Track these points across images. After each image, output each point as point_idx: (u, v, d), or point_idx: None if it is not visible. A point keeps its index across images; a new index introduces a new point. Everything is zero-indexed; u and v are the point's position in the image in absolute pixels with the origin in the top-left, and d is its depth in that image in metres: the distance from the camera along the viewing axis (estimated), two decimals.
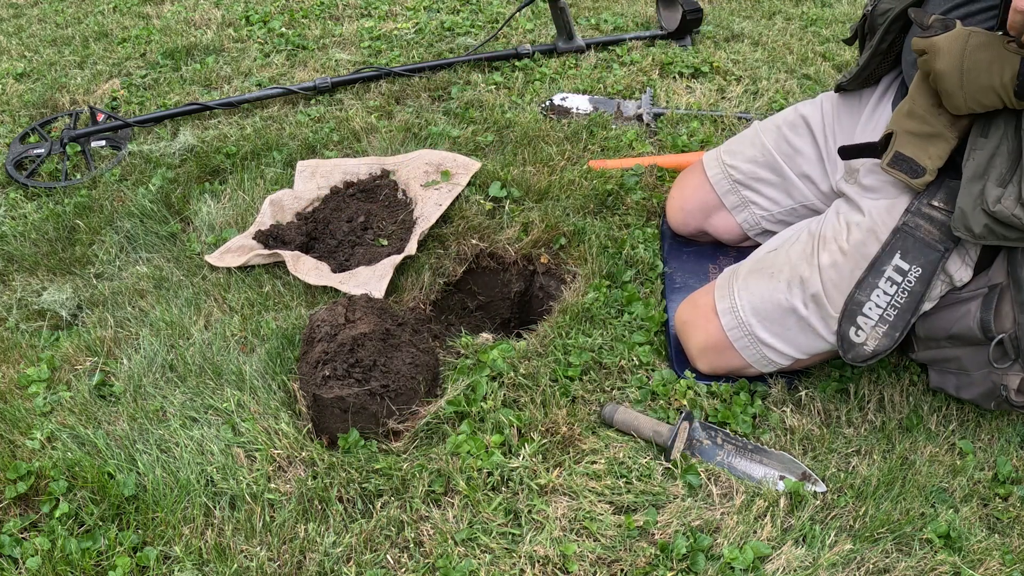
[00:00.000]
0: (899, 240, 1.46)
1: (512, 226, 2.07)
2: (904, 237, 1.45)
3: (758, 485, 1.48)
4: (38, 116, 2.71)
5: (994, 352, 1.43)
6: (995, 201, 1.30)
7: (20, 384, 1.73)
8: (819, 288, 1.53)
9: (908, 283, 1.45)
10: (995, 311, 1.42)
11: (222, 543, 1.41)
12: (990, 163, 1.34)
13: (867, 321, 1.48)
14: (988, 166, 1.34)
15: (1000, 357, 1.43)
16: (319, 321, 1.65)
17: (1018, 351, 1.40)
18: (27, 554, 1.40)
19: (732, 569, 1.35)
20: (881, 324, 1.47)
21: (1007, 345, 1.41)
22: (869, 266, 1.48)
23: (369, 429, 1.57)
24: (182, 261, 2.04)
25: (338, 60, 2.90)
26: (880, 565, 1.38)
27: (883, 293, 1.47)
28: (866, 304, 1.47)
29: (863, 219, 1.52)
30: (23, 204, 2.29)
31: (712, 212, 1.94)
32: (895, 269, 1.46)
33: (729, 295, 1.64)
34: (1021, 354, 1.40)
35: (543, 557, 1.37)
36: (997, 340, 1.42)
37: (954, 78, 1.33)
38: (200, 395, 1.67)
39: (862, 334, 1.49)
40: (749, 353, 1.62)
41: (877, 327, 1.47)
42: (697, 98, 2.60)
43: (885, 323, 1.47)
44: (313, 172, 2.25)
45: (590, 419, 1.61)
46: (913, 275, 1.45)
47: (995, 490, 1.51)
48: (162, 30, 3.16)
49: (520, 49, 2.81)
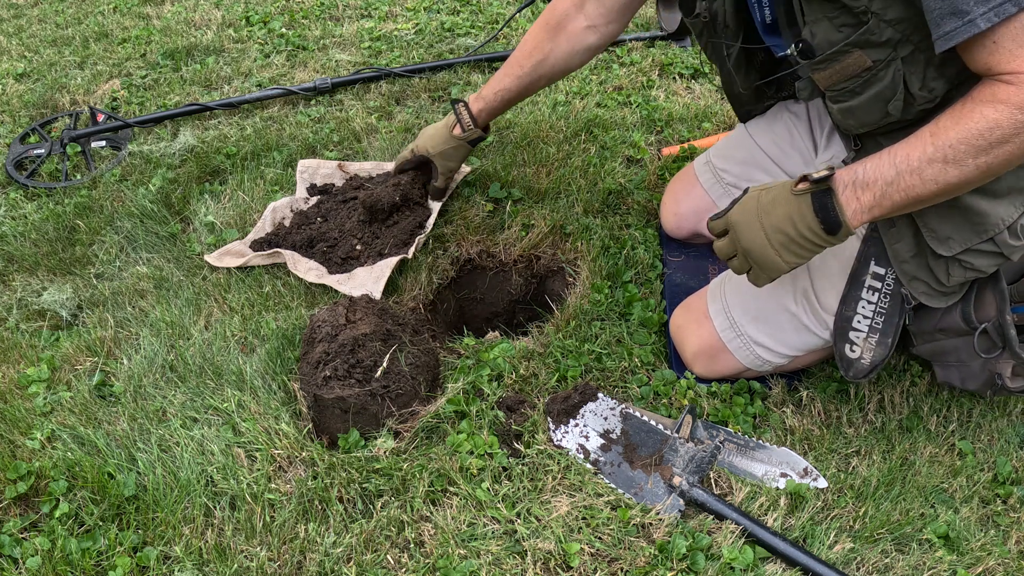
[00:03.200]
0: (871, 247, 1.47)
1: (512, 226, 2.08)
2: (875, 242, 1.46)
3: (759, 484, 1.49)
4: (38, 116, 2.71)
5: (980, 342, 1.43)
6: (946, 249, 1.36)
7: (20, 384, 1.73)
8: (808, 284, 1.55)
9: (888, 286, 1.46)
10: (975, 301, 1.43)
11: (222, 543, 1.41)
12: (912, 244, 1.41)
13: (858, 334, 1.49)
14: (916, 247, 1.41)
15: (988, 347, 1.44)
16: (320, 322, 1.65)
17: (1004, 339, 1.41)
18: (27, 554, 1.40)
19: (732, 569, 1.36)
20: (872, 334, 1.48)
21: (992, 334, 1.42)
22: (850, 279, 1.49)
23: (369, 429, 1.57)
24: (182, 261, 2.04)
25: (338, 61, 2.90)
26: (880, 565, 1.38)
27: (867, 303, 1.48)
28: (854, 318, 1.48)
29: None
30: (23, 204, 2.29)
31: (706, 215, 1.94)
32: (873, 276, 1.47)
33: (720, 297, 1.65)
34: (1007, 342, 1.40)
35: (545, 556, 1.37)
36: (981, 330, 1.42)
37: (761, 245, 1.31)
38: (200, 395, 1.67)
39: (857, 348, 1.49)
40: (743, 354, 1.62)
41: (869, 338, 1.48)
42: (696, 99, 2.60)
43: (876, 332, 1.48)
44: (313, 173, 2.26)
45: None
46: (891, 277, 1.45)
47: (995, 490, 1.51)
48: (162, 30, 3.16)
49: None
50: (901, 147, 1.23)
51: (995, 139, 1.15)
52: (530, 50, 1.83)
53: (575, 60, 1.83)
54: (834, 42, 1.29)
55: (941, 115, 1.21)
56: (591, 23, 1.76)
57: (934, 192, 1.21)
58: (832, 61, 1.32)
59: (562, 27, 1.78)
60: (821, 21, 1.30)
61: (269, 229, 2.09)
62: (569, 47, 1.79)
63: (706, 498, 1.44)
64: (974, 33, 1.12)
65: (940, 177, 1.20)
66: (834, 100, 1.39)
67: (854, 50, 1.28)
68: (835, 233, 1.26)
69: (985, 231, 1.33)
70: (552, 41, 1.80)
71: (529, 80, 1.85)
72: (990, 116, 1.15)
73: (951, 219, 1.34)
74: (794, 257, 1.31)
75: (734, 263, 1.41)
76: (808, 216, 1.27)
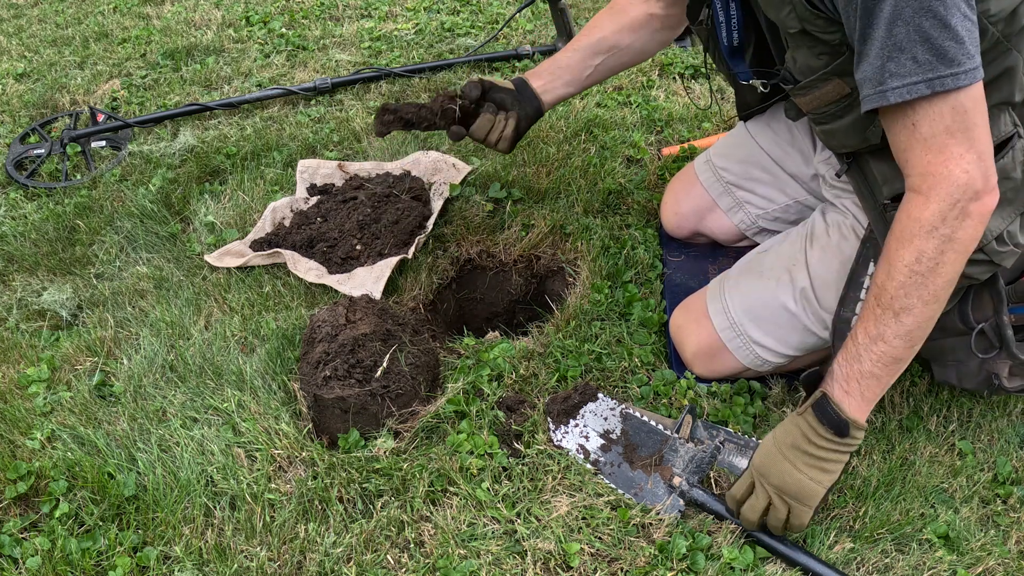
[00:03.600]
0: (869, 249, 1.47)
1: (512, 226, 2.08)
2: (873, 244, 1.46)
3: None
4: (38, 116, 2.71)
5: (977, 342, 1.43)
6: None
7: (20, 384, 1.73)
8: (808, 283, 1.55)
9: None
10: (973, 301, 1.43)
11: (222, 543, 1.41)
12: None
13: None
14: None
15: (985, 347, 1.43)
16: (320, 322, 1.65)
17: (1001, 339, 1.41)
18: (27, 554, 1.40)
19: (732, 569, 1.36)
20: None
21: (989, 334, 1.42)
22: (848, 280, 1.48)
23: (369, 429, 1.57)
24: (182, 261, 2.04)
25: (338, 61, 2.90)
26: (880, 565, 1.38)
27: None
28: (852, 319, 1.48)
29: (844, 219, 1.56)
30: (23, 204, 2.29)
31: (706, 214, 1.94)
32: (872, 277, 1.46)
33: (720, 296, 1.65)
34: (1005, 342, 1.40)
35: (545, 556, 1.37)
36: (978, 330, 1.42)
37: (793, 475, 1.28)
38: (200, 395, 1.67)
39: None
40: (743, 354, 1.62)
41: None
42: (696, 98, 2.60)
43: None
44: (313, 173, 2.26)
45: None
46: None
47: (995, 491, 1.51)
48: (162, 30, 3.16)
49: (520, 50, 2.82)
50: (858, 326, 1.25)
51: (925, 270, 1.17)
52: (589, 27, 1.82)
53: (640, 43, 1.80)
54: (814, 69, 1.32)
55: (878, 269, 1.23)
56: (652, 11, 1.76)
57: (907, 344, 1.22)
58: (812, 88, 1.34)
59: (624, 10, 1.78)
60: (801, 48, 1.32)
61: (269, 229, 2.09)
62: (632, 32, 1.77)
63: (706, 498, 1.44)
64: (883, 104, 1.14)
65: (901, 330, 1.21)
66: (816, 122, 1.42)
67: (833, 78, 1.30)
68: (846, 435, 1.24)
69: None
70: (613, 22, 1.79)
71: (583, 56, 1.80)
72: (911, 250, 1.17)
73: None
74: (822, 474, 1.27)
75: (772, 517, 1.32)
76: (817, 426, 1.26)
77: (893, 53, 1.12)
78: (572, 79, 1.84)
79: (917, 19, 1.09)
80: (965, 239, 1.17)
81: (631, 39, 1.79)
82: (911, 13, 1.09)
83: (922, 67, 1.11)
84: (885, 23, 1.11)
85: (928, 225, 1.16)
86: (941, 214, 1.15)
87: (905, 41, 1.11)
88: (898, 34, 1.11)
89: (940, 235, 1.16)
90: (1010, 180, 1.29)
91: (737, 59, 1.56)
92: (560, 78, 1.83)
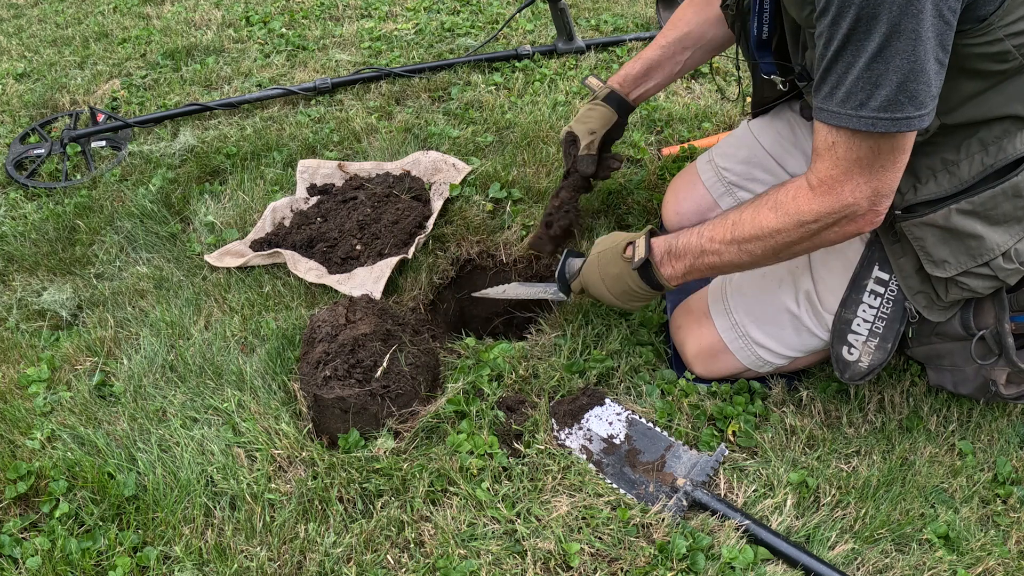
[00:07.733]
0: (874, 252, 1.47)
1: (512, 226, 2.08)
2: (879, 248, 1.46)
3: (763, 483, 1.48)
4: (38, 116, 2.71)
5: (977, 348, 1.44)
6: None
7: (20, 384, 1.73)
8: (810, 286, 1.54)
9: (891, 292, 1.46)
10: (975, 308, 1.43)
11: (222, 543, 1.41)
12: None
13: (858, 337, 1.49)
14: (918, 261, 1.43)
15: (984, 354, 1.44)
16: (320, 322, 1.65)
17: (1001, 347, 1.41)
18: (27, 554, 1.40)
19: (732, 569, 1.35)
20: (872, 338, 1.48)
21: (989, 341, 1.42)
22: (851, 282, 1.49)
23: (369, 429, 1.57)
24: (182, 261, 2.04)
25: (338, 61, 2.90)
26: (880, 565, 1.38)
27: (868, 307, 1.48)
28: (854, 321, 1.48)
29: None
30: (23, 204, 2.29)
31: (707, 214, 1.94)
32: (876, 281, 1.47)
33: (722, 298, 1.65)
34: (1004, 350, 1.41)
35: (545, 556, 1.37)
36: (979, 336, 1.42)
37: (608, 297, 1.58)
38: (200, 395, 1.67)
39: (855, 351, 1.49)
40: (744, 355, 1.62)
41: (868, 341, 1.48)
42: (696, 98, 2.60)
43: (876, 336, 1.48)
44: (313, 173, 2.26)
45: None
46: (895, 284, 1.45)
47: (995, 490, 1.51)
48: (162, 30, 3.16)
49: (520, 50, 2.81)
50: (710, 226, 1.43)
51: (779, 240, 1.33)
52: (675, 21, 1.84)
53: (722, 35, 1.81)
54: None
55: (748, 204, 1.38)
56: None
57: (734, 266, 1.42)
58: None
59: (710, 3, 1.79)
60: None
61: (269, 229, 2.09)
62: (718, 24, 1.79)
63: (708, 499, 1.44)
64: (821, 121, 1.21)
65: (736, 259, 1.40)
66: None
67: None
68: (660, 288, 1.52)
69: (981, 255, 1.34)
70: (698, 15, 1.81)
71: (672, 51, 1.84)
72: (777, 221, 1.31)
73: (948, 243, 1.35)
74: (629, 304, 1.59)
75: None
76: (635, 276, 1.51)
77: (862, 85, 1.15)
78: (664, 78, 1.91)
79: (895, 60, 1.11)
80: (823, 241, 1.32)
81: (715, 32, 1.82)
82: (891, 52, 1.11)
83: (882, 107, 1.14)
84: (866, 58, 1.13)
85: (803, 218, 1.28)
86: (818, 217, 1.27)
87: (874, 79, 1.13)
88: (875, 69, 1.13)
89: (807, 229, 1.29)
90: (1021, 199, 1.30)
91: (764, 52, 1.56)
92: (652, 79, 1.90)
